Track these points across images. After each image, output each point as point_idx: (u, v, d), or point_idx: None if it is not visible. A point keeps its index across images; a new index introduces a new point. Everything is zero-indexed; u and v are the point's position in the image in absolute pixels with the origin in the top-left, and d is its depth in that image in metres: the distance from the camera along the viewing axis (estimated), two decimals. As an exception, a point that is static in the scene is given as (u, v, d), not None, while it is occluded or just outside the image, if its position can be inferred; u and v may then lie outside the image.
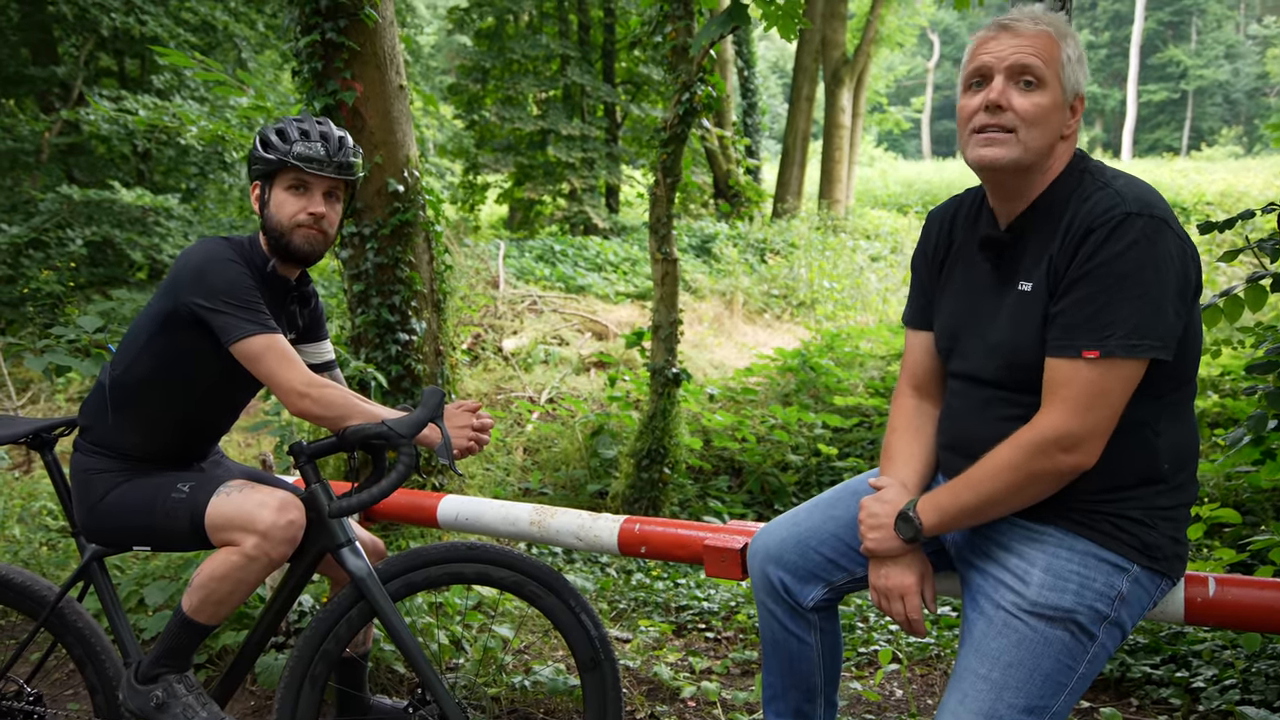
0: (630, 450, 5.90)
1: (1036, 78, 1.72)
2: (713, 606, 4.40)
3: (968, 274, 1.92)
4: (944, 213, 2.03)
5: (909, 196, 23.53)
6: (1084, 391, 1.65)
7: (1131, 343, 1.62)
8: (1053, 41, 1.74)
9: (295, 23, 4.26)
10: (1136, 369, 1.66)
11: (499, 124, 17.17)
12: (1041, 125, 1.73)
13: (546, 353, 8.87)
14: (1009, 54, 1.73)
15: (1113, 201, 1.66)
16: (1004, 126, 1.73)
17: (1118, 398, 1.66)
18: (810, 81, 18.29)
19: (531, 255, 13.16)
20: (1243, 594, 1.86)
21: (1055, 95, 1.73)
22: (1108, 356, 1.63)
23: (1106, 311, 1.63)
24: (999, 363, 1.81)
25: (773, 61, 44.85)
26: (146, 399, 2.33)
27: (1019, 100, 1.72)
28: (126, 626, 2.46)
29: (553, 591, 2.33)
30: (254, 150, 2.31)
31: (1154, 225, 1.63)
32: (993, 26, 1.78)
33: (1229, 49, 47.95)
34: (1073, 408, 1.65)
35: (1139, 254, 1.62)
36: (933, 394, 2.06)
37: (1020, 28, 1.74)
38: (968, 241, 1.94)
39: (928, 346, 2.05)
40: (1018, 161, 1.74)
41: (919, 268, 2.06)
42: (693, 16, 5.27)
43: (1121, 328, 1.62)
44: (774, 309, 12.42)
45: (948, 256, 1.99)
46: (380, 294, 4.51)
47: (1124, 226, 1.63)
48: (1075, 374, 1.66)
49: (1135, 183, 1.72)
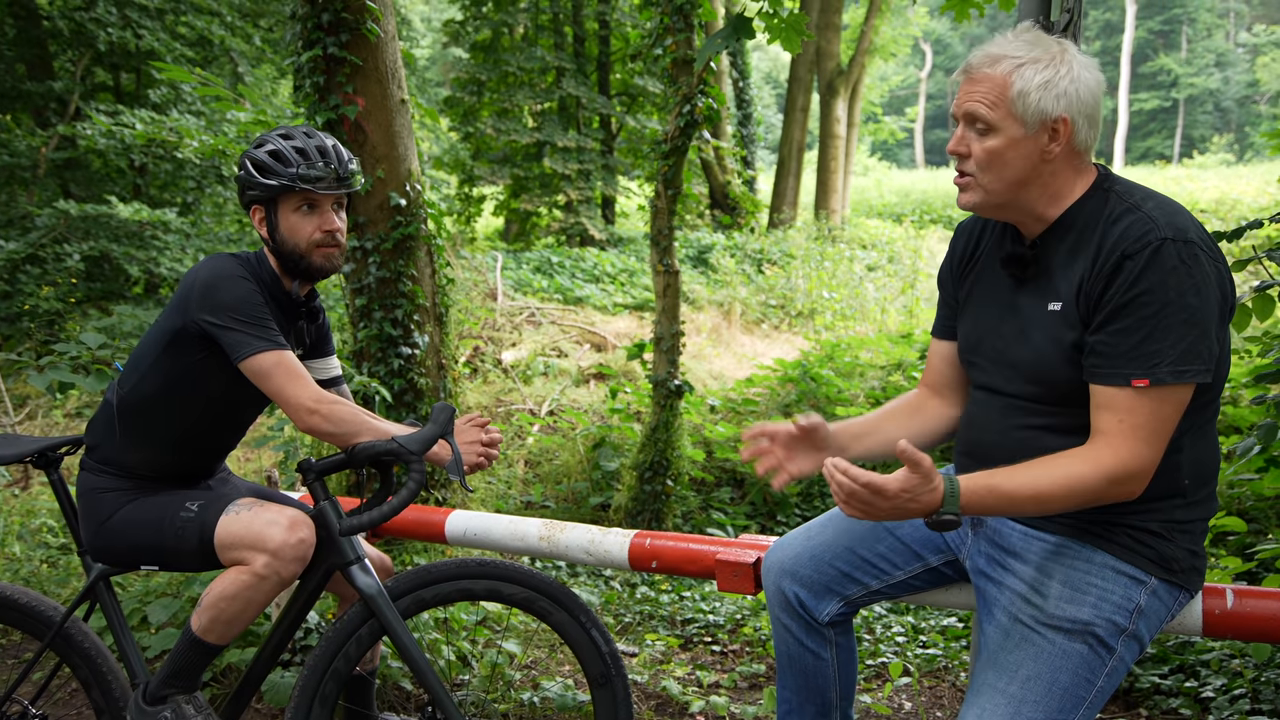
0: (633, 463, 5.89)
1: (986, 124, 1.75)
2: (719, 620, 4.38)
3: (992, 288, 1.93)
4: (971, 226, 2.04)
5: (904, 206, 23.61)
6: (1145, 421, 1.65)
7: (1180, 369, 1.63)
8: (1003, 81, 1.73)
9: (297, 38, 4.26)
10: (1186, 394, 1.67)
11: (495, 136, 17.20)
12: (997, 167, 1.76)
13: (546, 365, 8.86)
14: (964, 101, 1.78)
15: (1146, 227, 1.66)
16: (964, 171, 1.80)
17: (1172, 425, 1.67)
18: (805, 92, 18.36)
19: (529, 267, 13.16)
20: (1261, 605, 1.85)
21: (1011, 133, 1.74)
22: (1158, 384, 1.64)
23: (1152, 340, 1.64)
24: (1024, 378, 1.82)
25: (766, 72, 45.01)
26: (155, 417, 2.32)
27: (975, 146, 1.77)
28: (134, 646, 2.44)
29: (563, 607, 2.32)
30: (248, 176, 2.26)
31: (1189, 250, 1.63)
32: (962, 68, 1.81)
33: (1219, 57, 48.21)
34: (1144, 439, 1.65)
35: (1179, 280, 1.62)
36: (944, 395, 2.09)
37: (977, 72, 1.77)
38: (992, 256, 1.95)
39: (947, 355, 2.07)
40: (981, 205, 1.80)
41: (945, 280, 2.08)
42: (693, 29, 5.29)
43: (1169, 355, 1.63)
44: (771, 319, 12.42)
45: (972, 269, 2.00)
46: (383, 308, 4.50)
47: (1161, 253, 1.63)
48: (1133, 404, 1.65)
49: (1166, 204, 1.72)
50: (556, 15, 18.34)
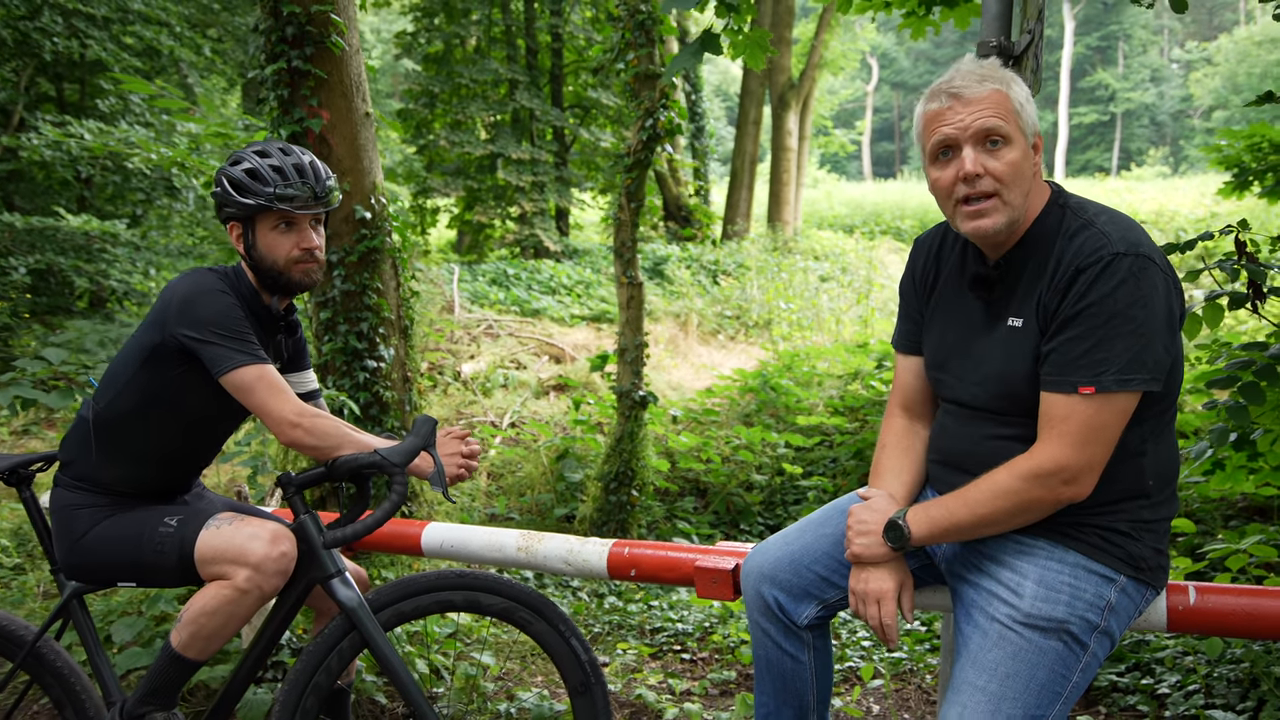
0: (598, 474, 5.90)
1: (1002, 136, 1.77)
2: (687, 628, 4.42)
3: (956, 305, 1.98)
4: (929, 241, 2.09)
5: (855, 218, 23.94)
6: (1082, 426, 1.71)
7: (1125, 377, 1.70)
8: (1004, 95, 1.79)
9: (260, 50, 4.23)
10: (1130, 402, 1.73)
11: (448, 148, 17.12)
12: (1019, 180, 1.79)
13: (505, 377, 8.85)
14: (971, 121, 1.77)
15: (1100, 242, 1.73)
16: (985, 193, 1.78)
17: (1113, 431, 1.73)
18: (757, 105, 18.57)
19: (485, 279, 13.12)
20: (1220, 601, 1.93)
21: (1021, 145, 1.79)
22: (1103, 392, 1.70)
23: (1100, 349, 1.70)
24: (990, 393, 1.88)
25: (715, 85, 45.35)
26: (131, 433, 2.30)
27: (992, 163, 1.77)
28: (108, 665, 2.41)
29: (542, 617, 2.34)
30: (225, 194, 2.25)
31: (1140, 263, 1.70)
32: (942, 96, 1.81)
33: (1154, 73, 49.71)
34: (1071, 442, 1.72)
35: (1128, 292, 1.69)
36: (922, 414, 2.12)
37: (970, 93, 1.79)
38: (954, 273, 2.00)
39: (916, 370, 2.11)
40: (1010, 222, 1.80)
41: (907, 294, 2.12)
42: (654, 44, 5.35)
43: (1115, 364, 1.69)
44: (727, 330, 12.53)
45: (934, 285, 2.05)
46: (348, 321, 4.48)
47: (1112, 266, 1.70)
48: (1073, 410, 1.72)
49: (1119, 219, 1.79)
50: (509, 28, 18.32)
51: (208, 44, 12.01)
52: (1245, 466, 3.62)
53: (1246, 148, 6.43)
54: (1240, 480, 3.65)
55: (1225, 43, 44.05)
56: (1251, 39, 41.94)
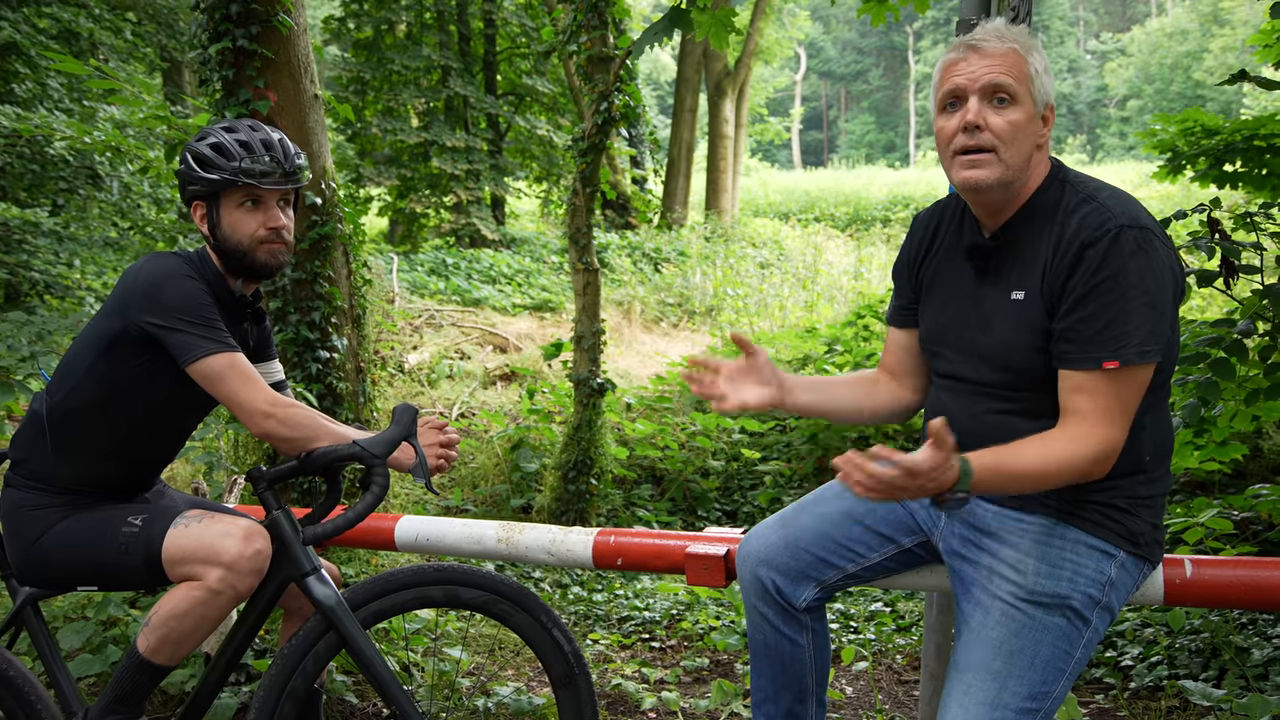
0: (556, 462, 5.83)
1: (1009, 94, 1.76)
2: (654, 615, 4.38)
3: (953, 279, 1.97)
4: (928, 217, 2.08)
5: (789, 205, 24.15)
6: (1116, 402, 1.72)
7: (1145, 349, 1.70)
8: (1021, 57, 1.78)
9: (203, 29, 4.04)
10: (1147, 374, 1.74)
11: (380, 136, 16.78)
12: (1019, 141, 1.78)
13: (451, 367, 8.70)
14: (981, 74, 1.77)
15: (1103, 216, 1.73)
16: (983, 146, 1.77)
17: (1135, 405, 1.75)
18: (693, 93, 18.57)
19: (424, 269, 12.90)
20: (1216, 574, 1.96)
21: (1028, 109, 1.78)
22: (1126, 365, 1.70)
23: (1119, 323, 1.70)
24: (990, 366, 1.87)
25: (647, 74, 45.30)
26: (90, 427, 2.17)
27: (994, 119, 1.76)
28: (66, 674, 2.29)
29: (523, 609, 2.29)
30: (189, 170, 2.15)
31: (1145, 236, 1.71)
32: (960, 48, 1.81)
33: (1071, 63, 51.09)
34: (1115, 419, 1.72)
35: (1139, 265, 1.69)
36: (901, 380, 2.14)
37: (988, 47, 1.78)
38: (952, 247, 1.99)
39: (904, 342, 2.12)
40: (1001, 180, 1.78)
41: (901, 271, 2.11)
42: (608, 26, 5.28)
43: (1135, 336, 1.69)
44: (670, 317, 12.52)
45: (930, 261, 2.04)
46: (299, 310, 4.32)
47: (1119, 240, 1.70)
48: (1103, 386, 1.72)
49: (1118, 193, 1.79)
50: (441, 13, 18.00)
51: (128, 27, 11.53)
52: (1191, 443, 3.71)
53: (1180, 132, 6.59)
54: (1186, 456, 3.74)
55: (1138, 34, 45.50)
56: (1163, 30, 43.40)
